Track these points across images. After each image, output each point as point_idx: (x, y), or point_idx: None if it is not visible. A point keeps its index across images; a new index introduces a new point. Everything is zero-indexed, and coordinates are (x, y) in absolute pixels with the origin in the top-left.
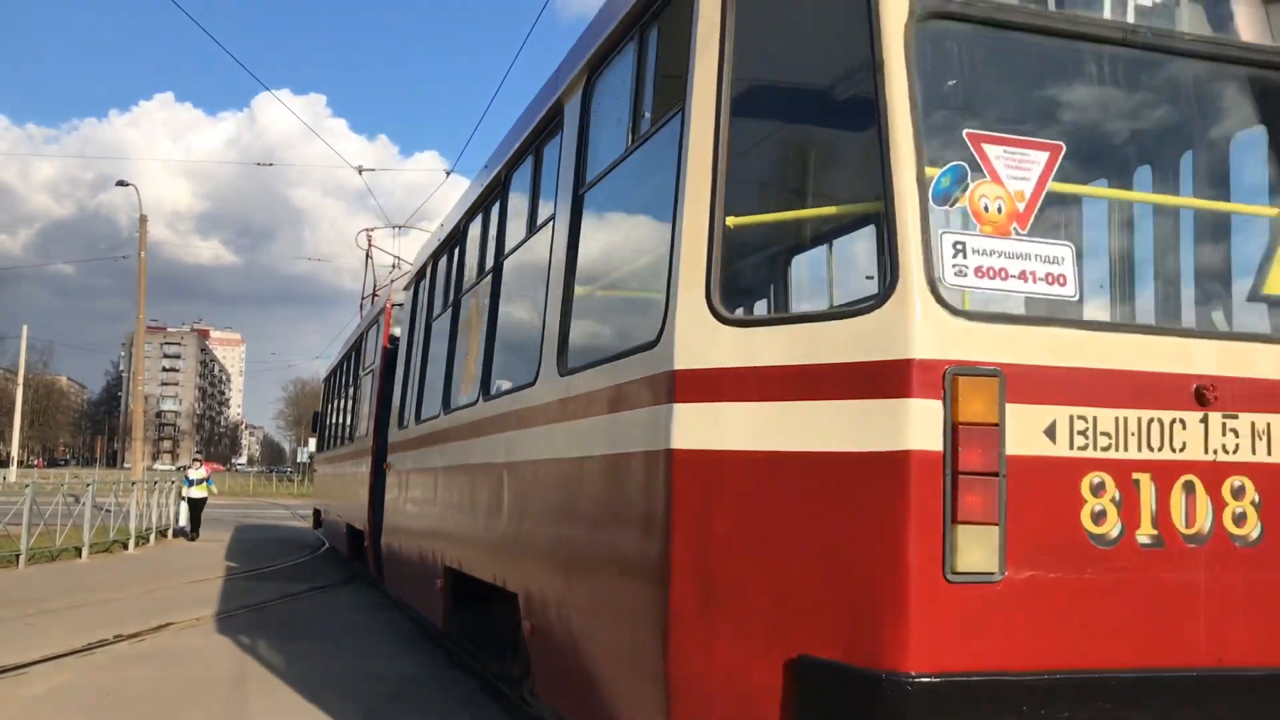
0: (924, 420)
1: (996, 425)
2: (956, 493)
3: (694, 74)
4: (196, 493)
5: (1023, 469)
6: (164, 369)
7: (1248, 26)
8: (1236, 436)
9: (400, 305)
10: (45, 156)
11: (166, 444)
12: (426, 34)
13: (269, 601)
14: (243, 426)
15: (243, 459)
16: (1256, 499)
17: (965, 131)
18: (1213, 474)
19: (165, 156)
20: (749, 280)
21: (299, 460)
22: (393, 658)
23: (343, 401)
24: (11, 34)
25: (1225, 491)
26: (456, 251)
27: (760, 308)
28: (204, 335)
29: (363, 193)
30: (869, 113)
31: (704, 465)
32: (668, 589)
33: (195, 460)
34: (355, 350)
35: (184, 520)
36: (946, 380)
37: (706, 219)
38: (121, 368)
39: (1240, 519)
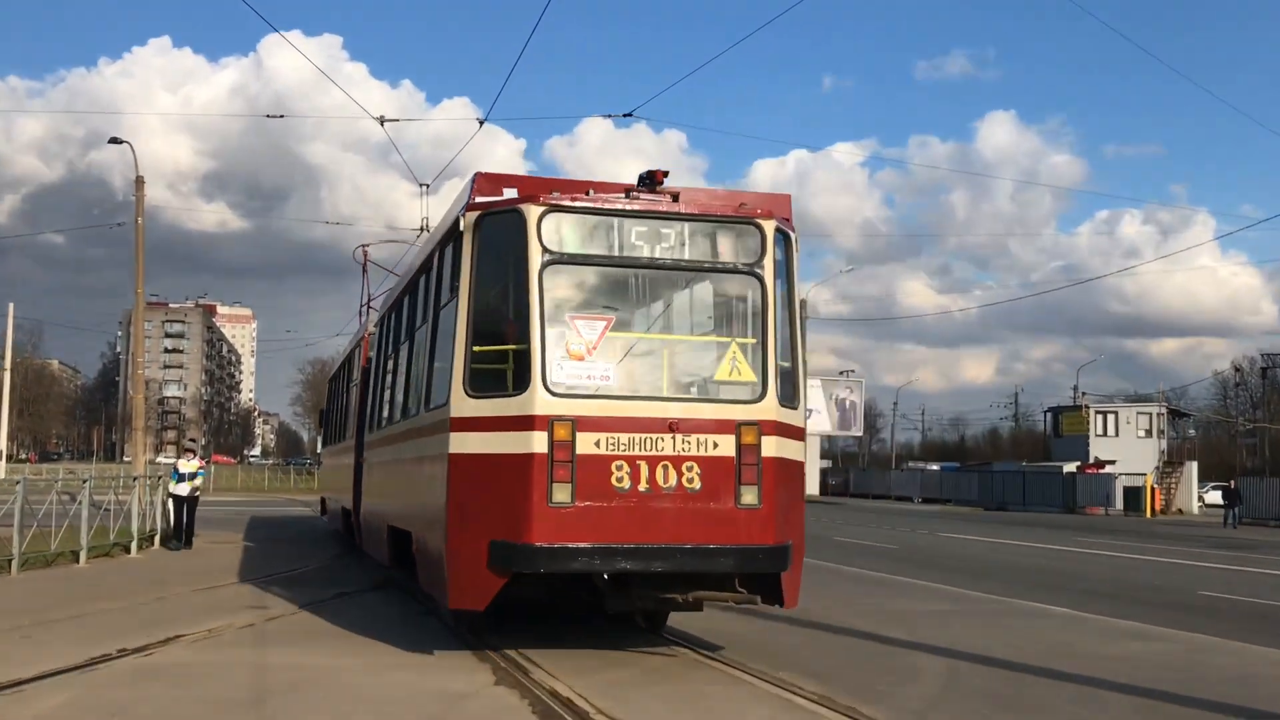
0: (541, 440)
1: (570, 442)
2: (553, 470)
3: (462, 275)
4: (186, 489)
5: (584, 459)
6: (166, 350)
7: (705, 252)
8: (690, 445)
9: (374, 333)
10: (29, 113)
11: (170, 434)
12: None
13: (288, 612)
14: (255, 414)
15: (256, 450)
16: (700, 471)
17: (568, 315)
18: (677, 460)
19: (163, 109)
20: (484, 375)
21: (319, 451)
22: (429, 668)
23: (339, 405)
24: None
25: (683, 468)
26: (392, 316)
27: (490, 386)
28: (210, 311)
29: (385, 147)
30: (527, 302)
31: (462, 460)
32: (446, 514)
33: (187, 450)
34: (347, 363)
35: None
36: (550, 423)
37: (464, 347)
38: (119, 349)
39: (691, 480)
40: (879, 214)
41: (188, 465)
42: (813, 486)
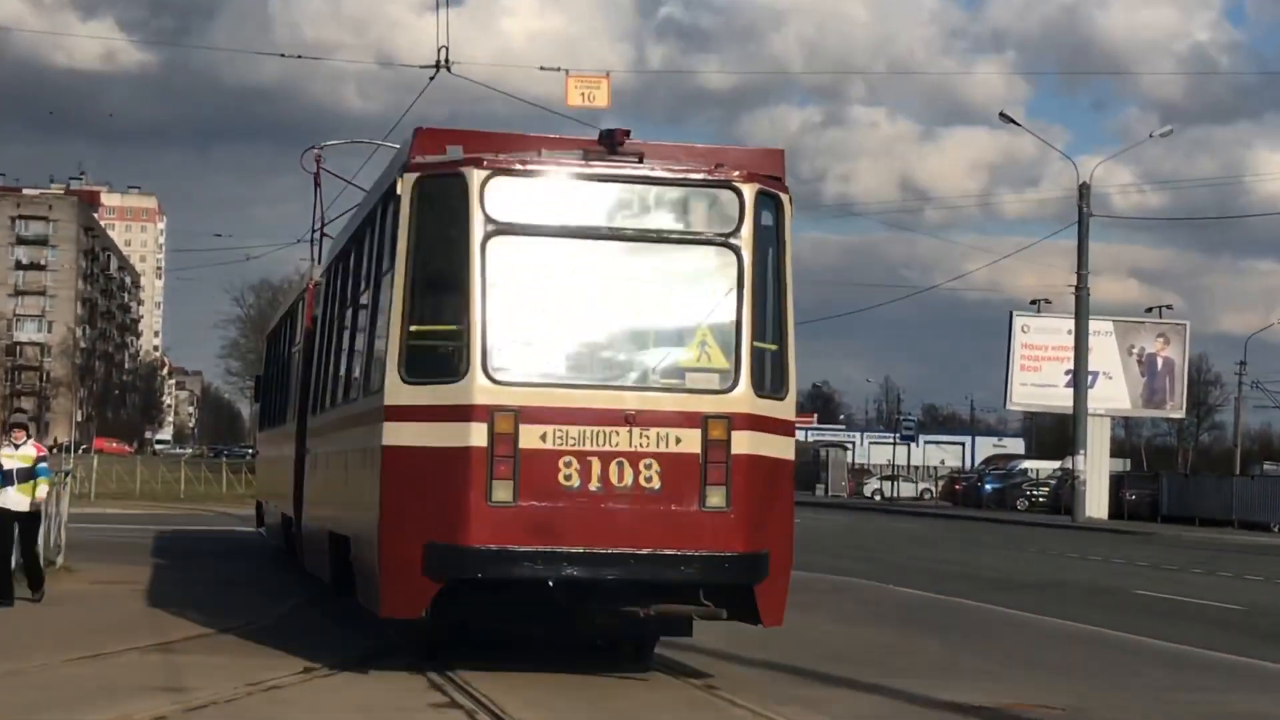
0: (480, 432)
1: (512, 435)
2: (493, 465)
3: (399, 244)
4: (16, 500)
5: (528, 454)
6: (17, 265)
7: (673, 220)
8: (649, 440)
9: (320, 284)
10: None
11: (24, 405)
12: None
13: (223, 697)
14: (165, 372)
15: (166, 433)
16: (659, 469)
17: (513, 293)
18: (634, 457)
19: None
20: (423, 358)
21: (258, 435)
22: None
23: (278, 374)
24: None
25: (641, 465)
26: (339, 270)
27: (429, 371)
28: (90, 202)
29: None
30: (467, 277)
31: (396, 453)
32: (380, 513)
33: (13, 429)
34: (288, 319)
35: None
36: (490, 414)
37: (399, 326)
38: None
39: (649, 479)
40: (1219, 37)
41: (14, 457)
42: (1098, 506)
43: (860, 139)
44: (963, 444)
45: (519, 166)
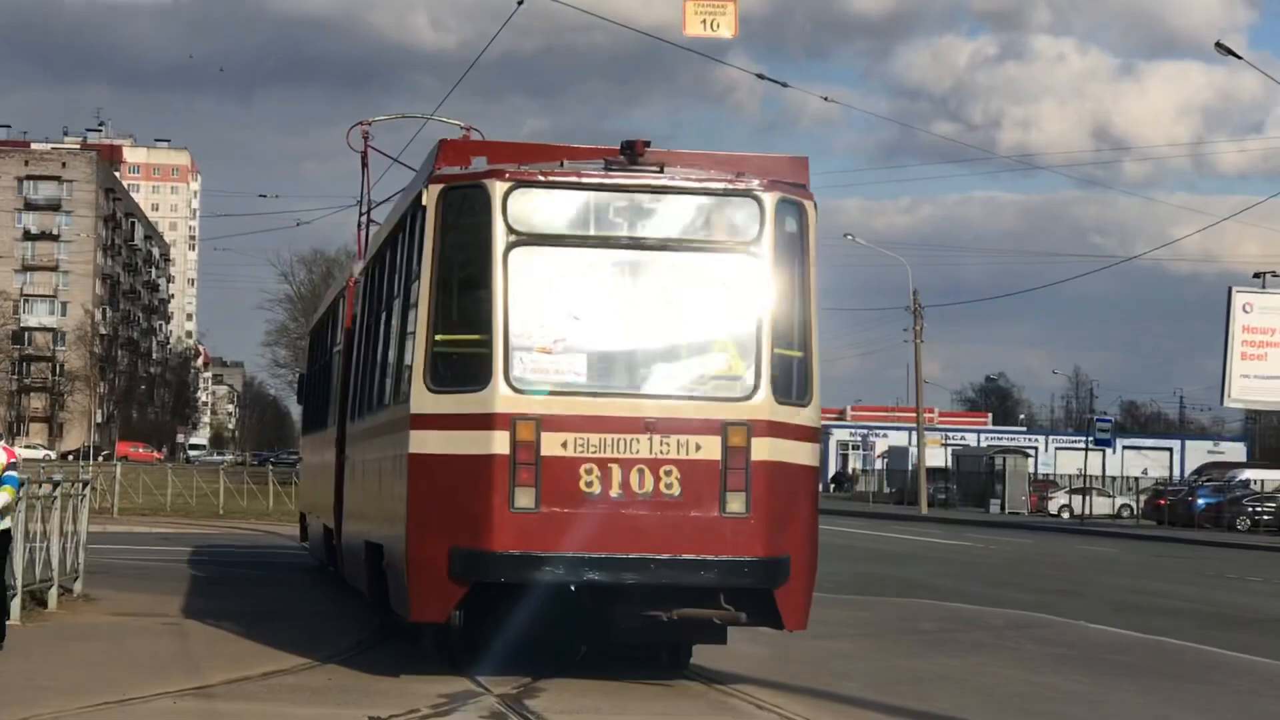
0: (503, 440)
1: (534, 442)
2: (515, 473)
3: (424, 255)
4: None
5: (550, 462)
6: (25, 236)
7: (694, 229)
8: (669, 446)
9: (358, 282)
10: None
11: (35, 402)
12: None
13: None
14: (200, 364)
15: (201, 437)
16: (679, 475)
17: (535, 302)
18: (654, 464)
19: None
20: (448, 367)
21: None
22: None
23: (321, 373)
24: None
25: (661, 472)
26: (376, 270)
27: (454, 379)
28: (110, 157)
29: None
30: (490, 287)
31: (422, 460)
32: (407, 519)
33: None
34: (331, 314)
35: None
36: (512, 422)
37: (425, 335)
38: None
39: (669, 485)
40: None
41: None
42: None
43: (1044, 76)
44: (1170, 450)
45: (541, 178)
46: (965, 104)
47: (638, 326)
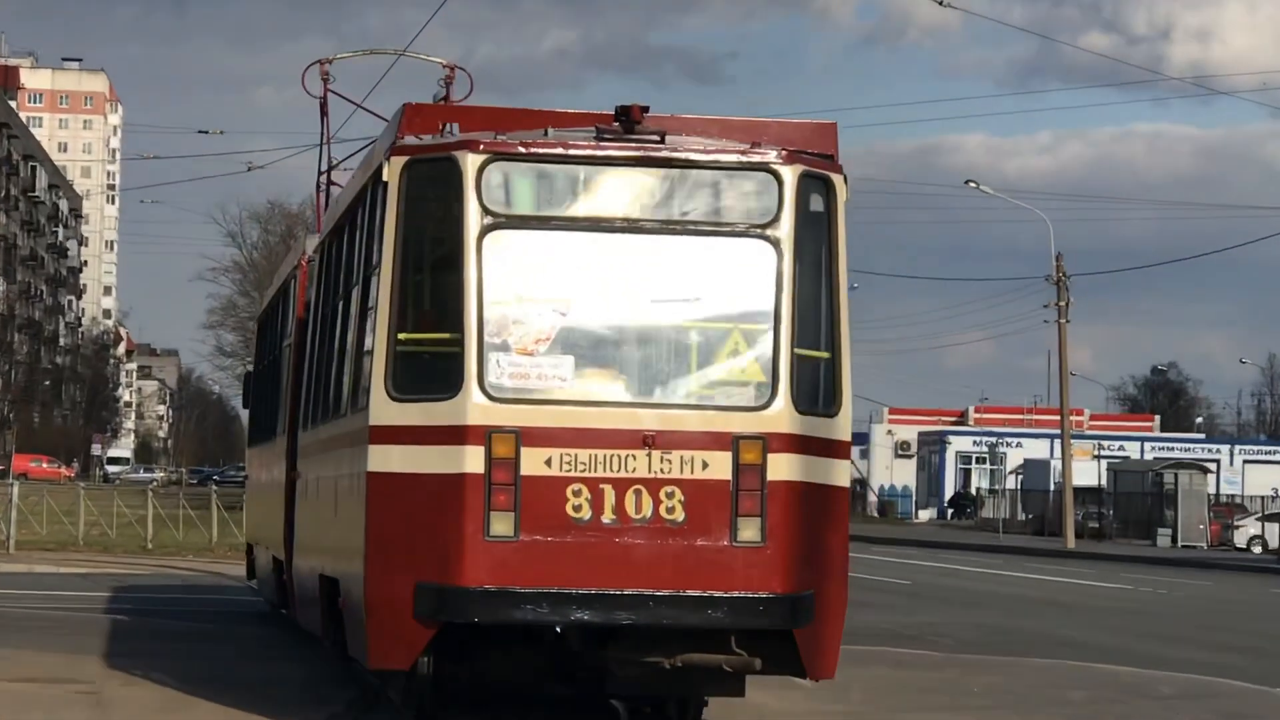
0: (476, 457)
1: (513, 459)
2: (491, 495)
3: (385, 239)
4: None
5: (531, 482)
6: None
7: (702, 209)
8: (671, 464)
9: (313, 260)
10: None
11: None
12: None
13: None
14: (121, 352)
15: (123, 448)
16: (684, 498)
17: (515, 295)
18: (654, 484)
19: None
20: (412, 371)
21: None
22: None
23: (269, 375)
24: None
25: (662, 494)
26: (333, 248)
27: (421, 386)
28: (3, 82)
29: None
30: (462, 278)
31: (382, 480)
32: (365, 549)
33: None
34: (280, 300)
35: None
36: (487, 436)
37: (386, 334)
38: None
39: (671, 510)
40: None
41: None
42: None
43: None
44: None
45: (521, 149)
46: (1124, 11)
47: (634, 324)
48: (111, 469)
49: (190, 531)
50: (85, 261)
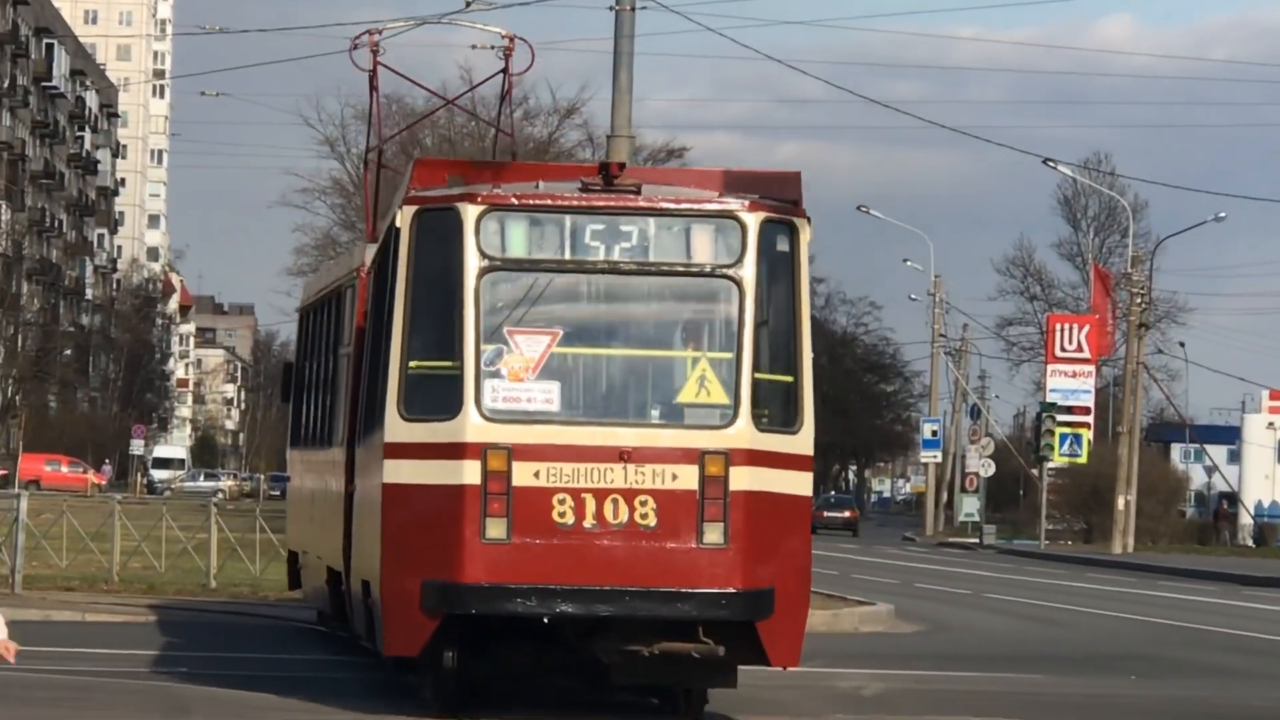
0: (473, 470)
1: (505, 472)
2: (486, 503)
3: (398, 279)
4: None
5: (521, 492)
6: None
7: (673, 252)
8: (644, 476)
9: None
10: None
11: None
12: None
13: None
14: (172, 309)
15: (174, 448)
16: (655, 506)
17: (507, 329)
18: (629, 494)
19: None
20: (420, 394)
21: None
22: None
23: (320, 376)
24: None
25: (636, 502)
26: (378, 274)
27: (429, 407)
28: None
29: None
30: (462, 313)
31: (395, 490)
32: (381, 551)
33: None
34: (334, 300)
35: None
36: (482, 452)
37: (399, 362)
38: None
39: (644, 516)
40: None
41: None
42: None
43: None
44: None
45: (514, 200)
46: None
47: (613, 353)
48: (159, 475)
49: (272, 564)
50: (122, 180)
